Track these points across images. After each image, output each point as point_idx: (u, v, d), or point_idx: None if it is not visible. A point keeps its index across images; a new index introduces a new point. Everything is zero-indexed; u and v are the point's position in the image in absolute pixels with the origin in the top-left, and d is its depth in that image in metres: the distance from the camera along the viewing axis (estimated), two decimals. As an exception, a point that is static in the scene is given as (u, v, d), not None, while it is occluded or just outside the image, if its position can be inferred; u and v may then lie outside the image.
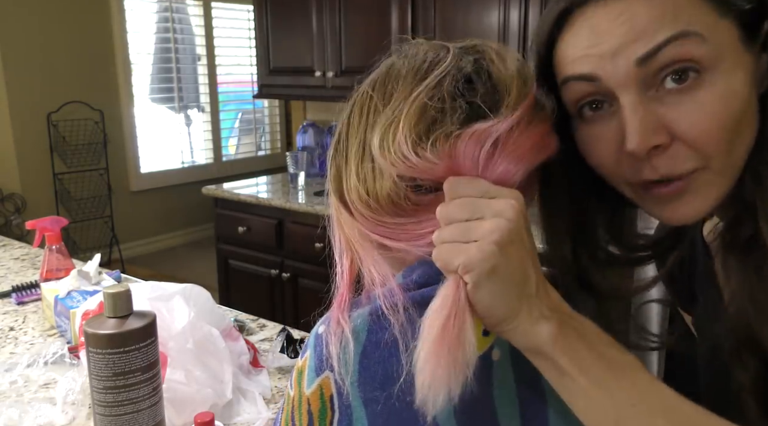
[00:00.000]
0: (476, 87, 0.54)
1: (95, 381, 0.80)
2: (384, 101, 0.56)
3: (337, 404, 0.55)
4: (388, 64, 0.59)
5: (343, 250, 0.60)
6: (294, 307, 2.71)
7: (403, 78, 0.56)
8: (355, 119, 0.58)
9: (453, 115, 0.53)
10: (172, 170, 5.09)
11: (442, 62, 0.55)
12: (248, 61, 5.41)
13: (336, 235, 0.60)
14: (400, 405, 0.54)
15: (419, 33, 2.48)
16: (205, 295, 1.12)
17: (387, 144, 0.53)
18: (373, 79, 0.59)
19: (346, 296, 0.58)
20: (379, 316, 0.55)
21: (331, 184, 0.59)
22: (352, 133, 0.57)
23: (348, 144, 0.58)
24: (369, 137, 0.55)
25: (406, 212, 0.54)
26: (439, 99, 0.53)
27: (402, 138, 0.52)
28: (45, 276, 1.37)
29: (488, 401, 0.58)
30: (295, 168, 2.85)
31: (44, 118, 4.13)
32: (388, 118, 0.54)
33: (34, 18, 4.04)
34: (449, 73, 0.54)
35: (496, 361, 0.58)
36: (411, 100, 0.53)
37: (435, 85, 0.54)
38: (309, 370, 0.56)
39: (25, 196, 4.07)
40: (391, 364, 0.54)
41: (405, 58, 0.58)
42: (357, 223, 0.56)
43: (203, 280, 1.56)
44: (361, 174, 0.55)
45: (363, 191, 0.55)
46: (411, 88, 0.54)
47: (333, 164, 0.59)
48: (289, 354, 1.12)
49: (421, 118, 0.53)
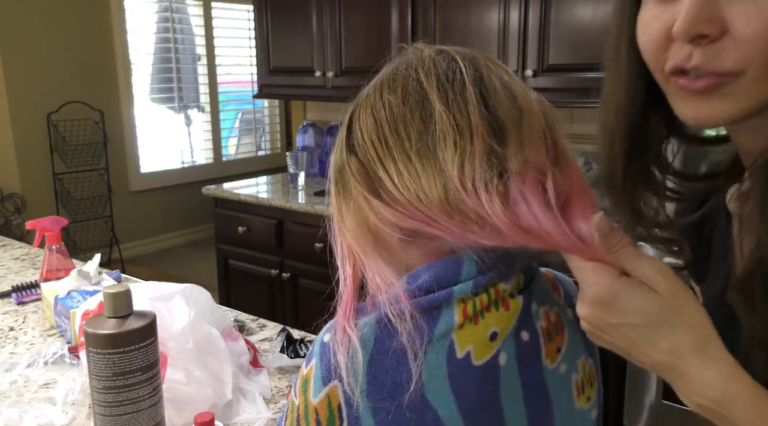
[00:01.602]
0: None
1: (95, 381, 0.80)
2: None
3: (346, 413, 0.55)
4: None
5: (346, 256, 0.59)
6: (294, 307, 2.71)
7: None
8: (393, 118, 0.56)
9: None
10: (172, 170, 5.09)
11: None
12: (248, 61, 5.41)
13: (338, 241, 0.60)
14: (410, 414, 0.54)
15: (419, 33, 2.48)
16: (205, 295, 1.12)
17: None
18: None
19: (351, 304, 0.58)
20: (386, 324, 0.55)
21: (357, 177, 0.57)
22: (393, 131, 0.56)
23: (389, 141, 0.56)
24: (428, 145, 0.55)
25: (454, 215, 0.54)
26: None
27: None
28: (45, 276, 1.37)
29: (496, 406, 0.58)
30: (295, 168, 2.85)
31: (44, 118, 4.14)
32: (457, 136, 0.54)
33: (34, 18, 4.04)
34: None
35: (503, 366, 0.58)
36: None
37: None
38: (315, 379, 0.56)
39: (25, 196, 4.07)
40: (400, 372, 0.54)
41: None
42: (392, 210, 0.55)
43: (203, 280, 1.56)
44: (411, 172, 0.55)
45: (413, 187, 0.54)
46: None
47: (354, 164, 0.57)
48: (289, 354, 1.12)
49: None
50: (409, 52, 0.60)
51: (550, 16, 2.17)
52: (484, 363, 0.57)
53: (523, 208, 0.52)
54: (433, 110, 0.55)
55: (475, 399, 0.56)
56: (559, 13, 2.17)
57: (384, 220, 0.56)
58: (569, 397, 0.63)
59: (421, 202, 0.54)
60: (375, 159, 0.56)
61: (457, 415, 0.55)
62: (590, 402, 0.65)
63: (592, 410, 0.65)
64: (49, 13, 4.10)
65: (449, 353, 0.56)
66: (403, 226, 0.56)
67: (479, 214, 0.52)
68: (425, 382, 0.54)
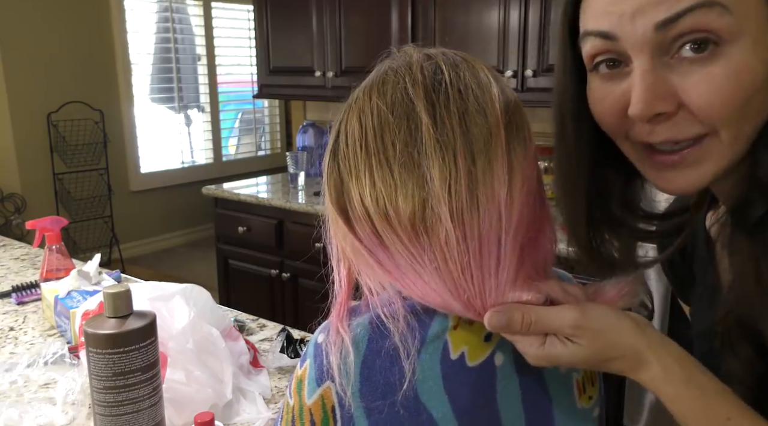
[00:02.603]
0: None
1: (95, 381, 0.80)
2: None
3: (339, 414, 0.55)
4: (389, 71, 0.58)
5: (341, 258, 0.59)
6: (294, 307, 2.71)
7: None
8: (372, 133, 0.55)
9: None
10: (172, 170, 5.09)
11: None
12: (248, 61, 5.40)
13: (333, 242, 0.60)
14: (403, 413, 0.54)
15: (419, 33, 2.48)
16: (205, 295, 1.12)
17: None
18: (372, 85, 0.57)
19: (345, 305, 0.58)
20: (378, 325, 0.55)
21: (330, 193, 0.57)
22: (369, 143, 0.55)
23: (361, 154, 0.55)
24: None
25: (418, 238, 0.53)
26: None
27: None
28: (45, 276, 1.37)
29: (492, 407, 0.58)
30: (295, 168, 2.85)
31: (44, 118, 4.13)
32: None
33: (34, 18, 4.04)
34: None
35: (499, 367, 0.58)
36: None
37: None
38: (309, 380, 0.56)
39: (25, 196, 4.06)
40: (393, 372, 0.54)
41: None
42: (351, 236, 0.55)
43: (203, 280, 1.56)
44: (383, 188, 0.53)
45: (384, 203, 0.53)
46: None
47: (334, 173, 0.56)
48: (289, 354, 1.12)
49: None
50: (397, 55, 0.58)
51: (550, 16, 2.17)
52: (478, 364, 0.57)
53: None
54: (420, 123, 0.53)
55: (470, 400, 0.56)
56: (559, 14, 2.16)
57: (349, 245, 0.57)
58: (570, 397, 0.63)
59: (385, 220, 0.53)
60: (352, 169, 0.55)
61: (451, 416, 0.55)
62: (592, 401, 0.65)
63: (594, 409, 0.66)
64: (49, 13, 4.10)
65: (443, 354, 0.56)
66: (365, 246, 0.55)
67: (446, 239, 0.52)
68: (419, 382, 0.55)
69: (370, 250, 0.55)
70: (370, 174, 0.54)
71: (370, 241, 0.54)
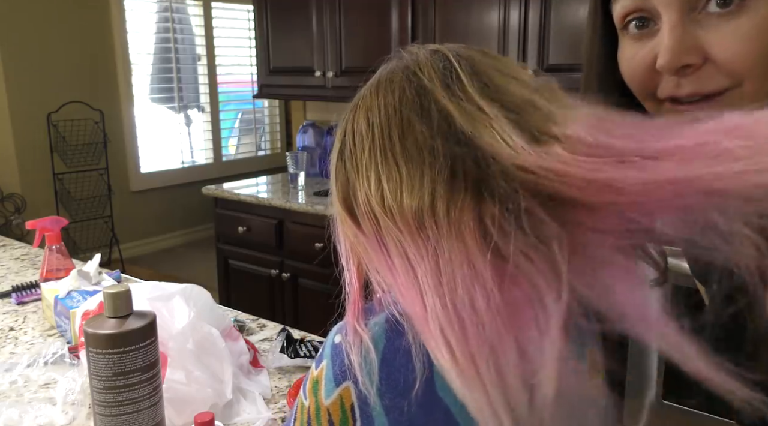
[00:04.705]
0: None
1: (95, 381, 0.80)
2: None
3: (359, 413, 0.55)
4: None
5: (350, 256, 0.59)
6: (294, 307, 2.71)
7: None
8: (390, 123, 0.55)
9: None
10: (172, 170, 5.09)
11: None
12: (248, 61, 5.41)
13: (341, 240, 0.60)
14: (421, 408, 0.54)
15: (419, 33, 2.48)
16: (205, 295, 1.12)
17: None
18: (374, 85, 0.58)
19: (359, 304, 0.57)
20: (394, 323, 0.55)
21: (338, 192, 0.57)
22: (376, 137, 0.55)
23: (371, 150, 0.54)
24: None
25: (426, 232, 0.51)
26: None
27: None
28: (45, 276, 1.37)
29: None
30: (295, 168, 2.85)
31: (44, 118, 4.14)
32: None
33: (34, 18, 4.04)
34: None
35: None
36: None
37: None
38: (327, 380, 0.56)
39: (25, 196, 4.07)
40: (410, 370, 0.54)
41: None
42: (361, 236, 0.55)
43: (203, 280, 1.56)
44: (390, 183, 0.53)
45: (389, 197, 0.52)
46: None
47: (341, 173, 0.57)
48: (289, 354, 1.12)
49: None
50: (403, 55, 0.59)
51: (550, 16, 2.17)
52: None
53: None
54: (439, 107, 0.52)
55: None
56: (559, 13, 2.17)
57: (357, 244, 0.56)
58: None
59: (388, 216, 0.52)
60: (359, 167, 0.55)
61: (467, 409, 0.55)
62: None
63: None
64: (49, 13, 4.10)
65: None
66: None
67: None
68: (435, 377, 0.55)
69: (378, 248, 0.55)
70: (376, 171, 0.54)
71: (376, 238, 0.54)
